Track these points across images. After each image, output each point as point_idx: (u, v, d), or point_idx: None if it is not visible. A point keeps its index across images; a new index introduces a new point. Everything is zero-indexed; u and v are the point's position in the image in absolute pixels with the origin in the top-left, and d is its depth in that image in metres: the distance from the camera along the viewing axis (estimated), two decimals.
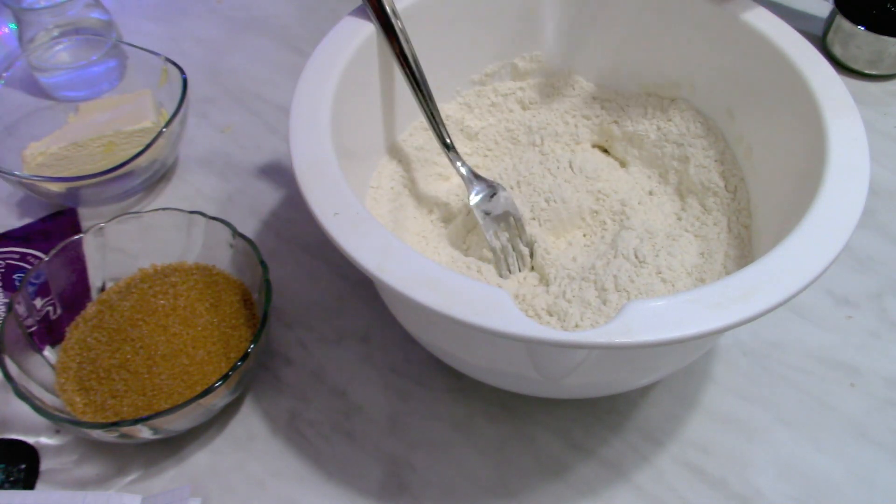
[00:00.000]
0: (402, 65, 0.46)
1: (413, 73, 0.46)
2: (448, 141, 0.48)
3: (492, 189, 0.48)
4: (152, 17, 0.71)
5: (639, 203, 0.50)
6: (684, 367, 0.47)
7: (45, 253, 0.46)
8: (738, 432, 0.45)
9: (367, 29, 0.45)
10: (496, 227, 0.47)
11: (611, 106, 0.54)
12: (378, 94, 0.48)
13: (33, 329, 0.45)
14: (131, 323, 0.45)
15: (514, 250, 0.47)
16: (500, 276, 0.47)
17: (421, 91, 0.46)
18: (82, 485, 0.43)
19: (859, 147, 0.39)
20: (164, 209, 0.48)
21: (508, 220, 0.48)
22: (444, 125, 0.48)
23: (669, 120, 0.52)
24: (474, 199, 0.48)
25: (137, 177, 0.55)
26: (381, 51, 0.47)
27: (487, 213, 0.47)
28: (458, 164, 0.48)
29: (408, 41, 0.46)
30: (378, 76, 0.48)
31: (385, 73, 0.48)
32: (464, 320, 0.32)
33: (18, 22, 0.61)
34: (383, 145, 0.51)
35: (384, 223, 0.47)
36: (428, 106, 0.47)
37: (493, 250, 0.47)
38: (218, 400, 0.42)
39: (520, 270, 0.47)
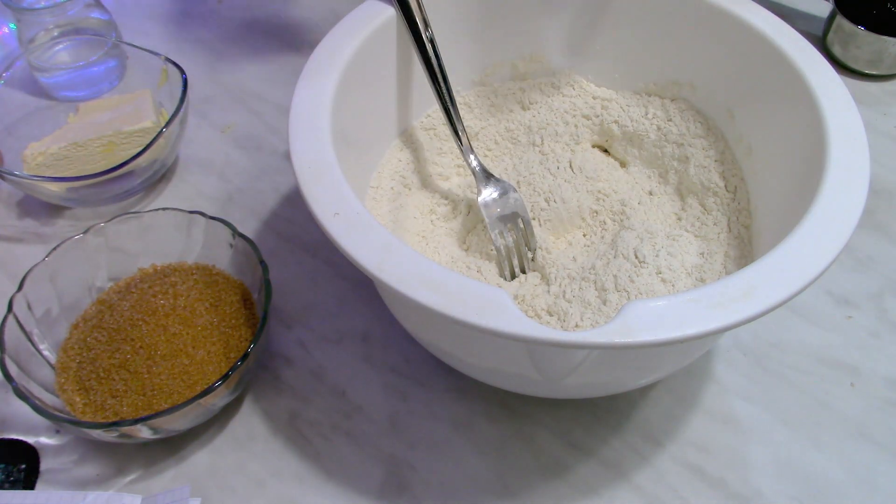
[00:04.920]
0: (420, 51, 0.46)
1: (429, 59, 0.46)
2: (463, 135, 0.47)
3: (502, 188, 0.48)
4: (152, 17, 0.71)
5: (639, 203, 0.50)
6: (684, 367, 0.47)
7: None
8: (738, 432, 0.45)
9: (373, 22, 0.45)
10: (502, 227, 0.47)
11: (611, 106, 0.54)
12: (378, 94, 0.48)
13: (33, 329, 0.45)
14: (131, 323, 0.45)
15: (517, 252, 0.47)
16: (502, 276, 0.47)
17: (442, 76, 0.46)
18: (82, 485, 0.43)
19: (859, 147, 0.39)
20: (164, 209, 0.48)
21: (516, 222, 0.47)
22: (459, 115, 0.47)
23: (669, 120, 0.52)
24: (483, 196, 0.47)
25: (137, 177, 0.55)
26: (385, 45, 0.47)
27: (495, 213, 0.47)
28: (471, 157, 0.48)
29: (427, 24, 0.45)
30: (378, 76, 0.48)
31: (385, 72, 0.48)
32: (464, 320, 0.32)
33: (18, 22, 0.61)
34: (383, 145, 0.51)
35: (384, 223, 0.47)
36: (447, 92, 0.46)
37: (496, 249, 0.47)
38: (218, 400, 0.42)
39: (524, 273, 0.47)
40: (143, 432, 0.41)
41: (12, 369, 0.41)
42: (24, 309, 0.44)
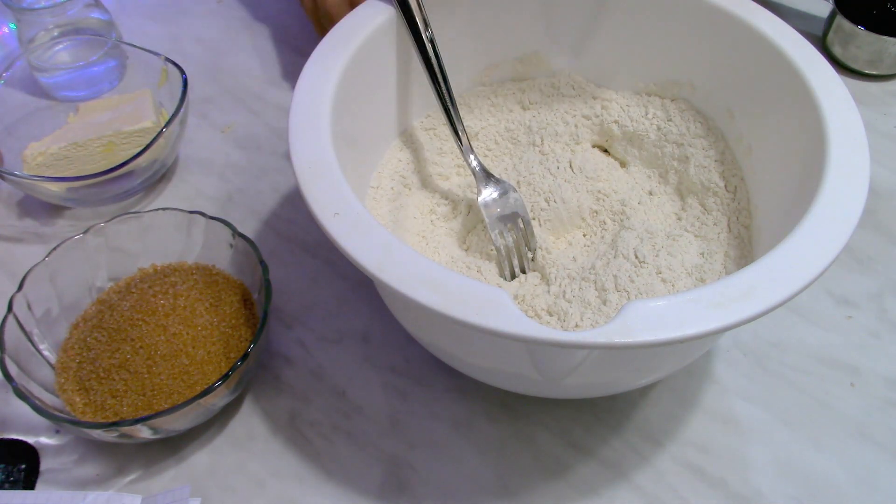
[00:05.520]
0: (420, 51, 0.46)
1: (429, 59, 0.46)
2: (463, 135, 0.47)
3: (502, 188, 0.48)
4: (152, 17, 0.71)
5: (639, 203, 0.50)
6: (684, 367, 0.47)
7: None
8: (738, 432, 0.45)
9: (373, 22, 0.45)
10: (502, 227, 0.47)
11: (611, 106, 0.54)
12: (378, 94, 0.48)
13: (33, 329, 0.45)
14: (131, 323, 0.45)
15: (517, 252, 0.47)
16: (502, 276, 0.47)
17: (442, 76, 0.46)
18: (82, 485, 0.43)
19: (859, 147, 0.39)
20: (164, 209, 0.48)
21: (516, 222, 0.47)
22: (459, 115, 0.47)
23: (669, 120, 0.52)
24: (483, 196, 0.47)
25: (137, 177, 0.55)
26: (385, 45, 0.47)
27: (495, 212, 0.47)
28: (471, 157, 0.48)
29: (427, 24, 0.45)
30: (378, 76, 0.48)
31: (385, 72, 0.48)
32: (464, 320, 0.32)
33: (18, 22, 0.61)
34: (383, 145, 0.51)
35: (384, 223, 0.47)
36: (447, 92, 0.46)
37: (496, 249, 0.47)
38: (218, 400, 0.42)
39: (524, 273, 0.47)
40: (143, 432, 0.41)
41: (12, 369, 0.41)
42: (24, 309, 0.44)
